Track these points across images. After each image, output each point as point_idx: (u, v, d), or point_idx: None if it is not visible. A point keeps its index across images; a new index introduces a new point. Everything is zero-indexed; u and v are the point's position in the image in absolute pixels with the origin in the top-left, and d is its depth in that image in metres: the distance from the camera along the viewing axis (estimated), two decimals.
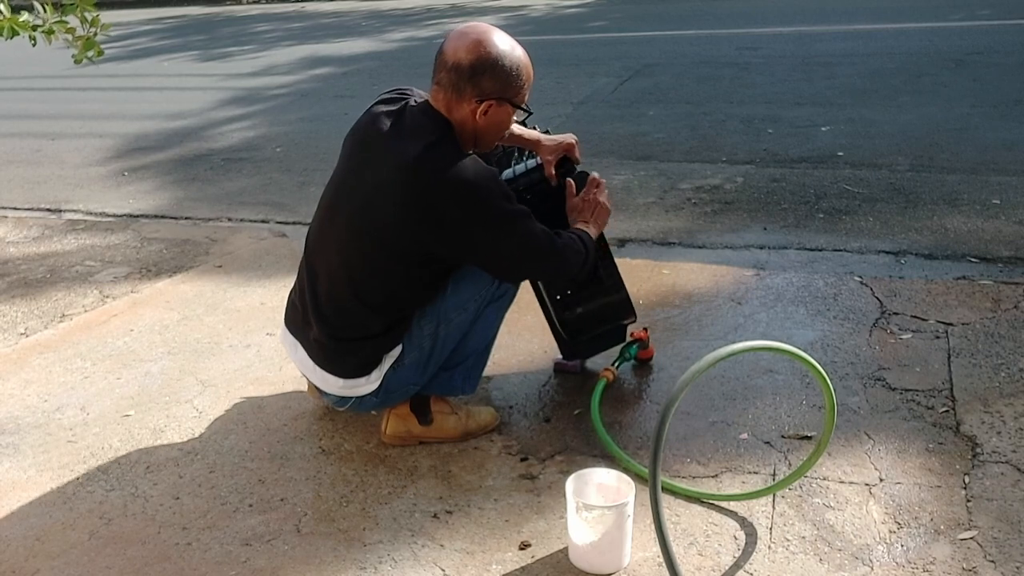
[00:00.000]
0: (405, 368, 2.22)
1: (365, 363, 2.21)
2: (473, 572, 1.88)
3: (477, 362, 2.36)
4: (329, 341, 2.20)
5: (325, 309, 2.20)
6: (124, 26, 13.38)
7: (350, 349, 2.19)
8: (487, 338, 2.35)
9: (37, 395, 2.71)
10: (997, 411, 2.31)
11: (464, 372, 2.34)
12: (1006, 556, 1.83)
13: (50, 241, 4.18)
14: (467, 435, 2.34)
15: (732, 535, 1.94)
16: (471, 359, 2.34)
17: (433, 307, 2.19)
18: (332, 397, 2.30)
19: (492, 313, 2.30)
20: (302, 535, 2.02)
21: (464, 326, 2.24)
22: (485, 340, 2.35)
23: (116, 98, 8.10)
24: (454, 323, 2.22)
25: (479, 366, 2.38)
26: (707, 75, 6.83)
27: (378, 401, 2.27)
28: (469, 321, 2.24)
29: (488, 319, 2.30)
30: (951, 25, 7.95)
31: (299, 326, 2.30)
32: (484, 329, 2.31)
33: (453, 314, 2.21)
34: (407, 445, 2.32)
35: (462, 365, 2.33)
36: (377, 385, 2.22)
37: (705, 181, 4.41)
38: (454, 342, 2.25)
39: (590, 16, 10.89)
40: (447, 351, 2.26)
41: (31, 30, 3.13)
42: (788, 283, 3.13)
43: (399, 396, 2.28)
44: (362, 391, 2.23)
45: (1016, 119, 5.04)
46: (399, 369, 2.21)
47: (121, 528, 2.08)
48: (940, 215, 3.75)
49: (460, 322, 2.23)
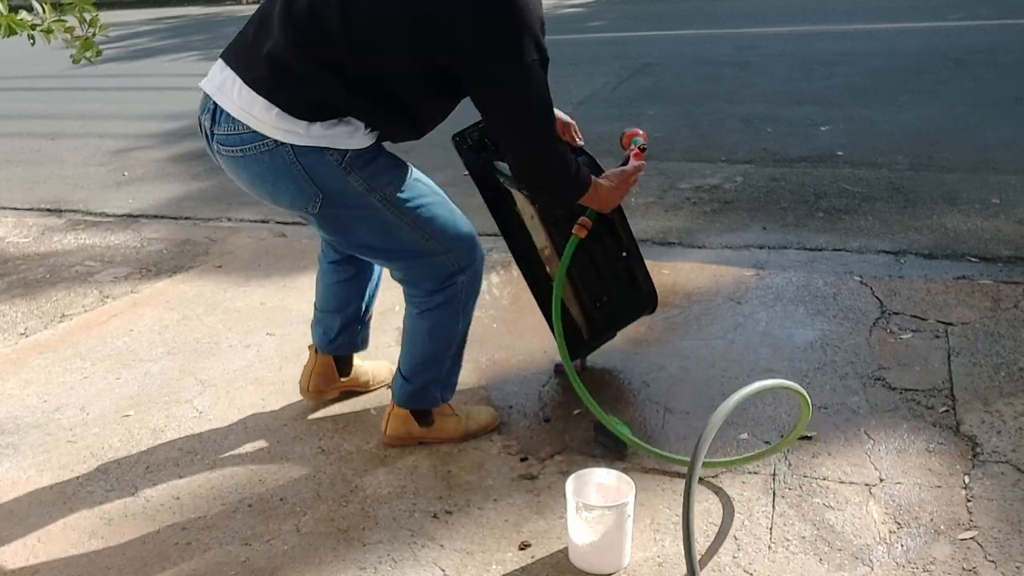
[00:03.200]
0: (348, 186, 1.95)
1: (318, 104, 1.87)
2: (473, 572, 1.88)
3: (453, 368, 2.30)
4: (287, 54, 1.86)
5: (300, 19, 1.86)
6: (124, 26, 13.37)
7: (313, 73, 1.85)
8: (446, 342, 2.23)
9: (37, 395, 2.71)
10: (997, 411, 2.31)
11: (439, 383, 2.28)
12: (1006, 556, 1.83)
13: (50, 241, 4.18)
14: (467, 436, 2.33)
15: (732, 535, 1.94)
16: (434, 369, 2.25)
17: (396, 174, 2.03)
18: (257, 171, 1.93)
19: (445, 315, 2.19)
20: (302, 535, 2.02)
21: (403, 227, 2.05)
22: (445, 344, 2.23)
23: (116, 98, 8.10)
24: (404, 206, 2.03)
25: (454, 372, 2.31)
26: (706, 74, 6.83)
27: (312, 210, 1.98)
28: (411, 225, 2.05)
29: (442, 323, 2.20)
30: (951, 25, 7.95)
31: (243, 58, 1.96)
32: (441, 333, 2.21)
33: (407, 199, 2.03)
34: (407, 446, 2.32)
35: (435, 372, 2.25)
36: (313, 148, 1.88)
37: (704, 181, 4.41)
38: (383, 234, 2.06)
39: (589, 16, 10.89)
40: (374, 238, 2.07)
41: (29, 29, 3.13)
42: (788, 283, 3.13)
43: (331, 228, 2.06)
44: (292, 140, 1.88)
45: (1016, 118, 5.04)
46: (348, 176, 1.94)
47: (121, 528, 2.08)
48: (940, 214, 3.75)
49: (409, 211, 2.04)
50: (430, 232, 2.09)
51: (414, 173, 2.12)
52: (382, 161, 2.03)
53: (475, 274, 2.19)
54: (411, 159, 2.15)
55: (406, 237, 2.08)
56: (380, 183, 2.01)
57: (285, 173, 1.92)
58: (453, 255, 2.13)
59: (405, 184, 2.06)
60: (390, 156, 2.07)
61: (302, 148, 1.89)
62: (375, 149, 2.01)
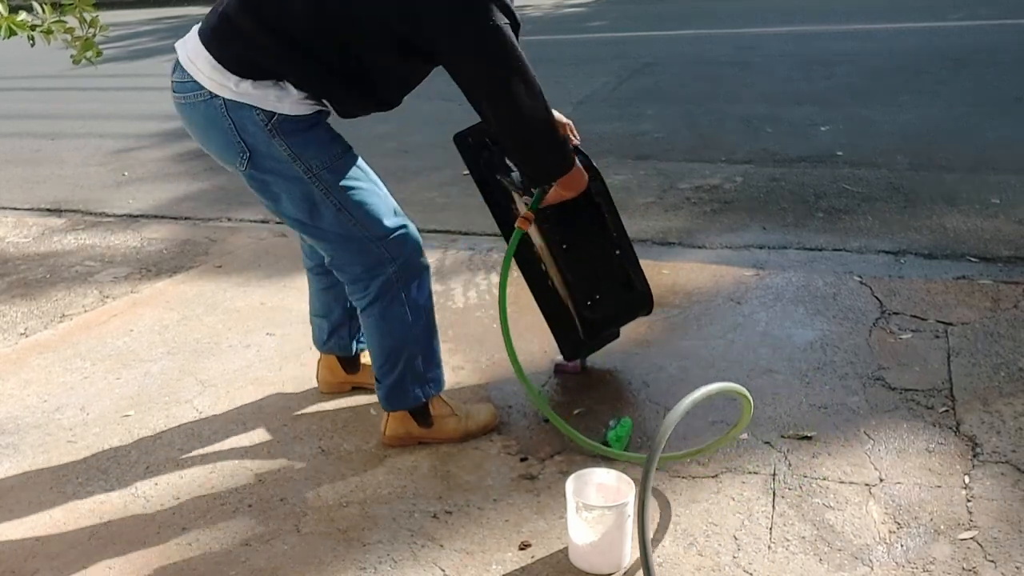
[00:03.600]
0: (273, 149, 1.96)
1: (254, 63, 1.91)
2: (473, 572, 1.88)
3: (427, 362, 2.23)
4: (240, 12, 1.92)
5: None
6: (124, 26, 13.36)
7: (260, 33, 1.90)
8: (400, 336, 2.18)
9: (37, 395, 2.71)
10: (997, 411, 2.31)
11: (415, 379, 2.23)
12: (1006, 556, 1.83)
13: (50, 241, 4.18)
14: (467, 436, 2.33)
15: (732, 535, 1.94)
16: (400, 365, 2.20)
17: (326, 152, 2.01)
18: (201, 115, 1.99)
19: (387, 308, 2.15)
20: (302, 535, 2.02)
21: (328, 209, 2.05)
22: (399, 339, 2.18)
23: (116, 98, 8.10)
24: (330, 184, 2.02)
25: (430, 367, 2.24)
26: (706, 74, 6.82)
27: (240, 167, 2.02)
28: (337, 207, 2.04)
29: (387, 316, 2.16)
30: (950, 25, 7.95)
31: (210, 15, 2.02)
32: (389, 327, 2.17)
33: (335, 177, 2.02)
34: (407, 446, 2.32)
35: (402, 368, 2.21)
36: (242, 104, 1.92)
37: (704, 181, 4.41)
38: (304, 209, 2.06)
39: (589, 16, 10.88)
40: (302, 210, 2.06)
41: (29, 30, 3.13)
42: (787, 283, 3.13)
43: (261, 193, 2.07)
44: (223, 94, 1.93)
45: (1016, 118, 5.04)
46: (272, 139, 1.95)
47: (121, 528, 2.08)
48: (939, 214, 3.75)
49: (335, 191, 2.02)
50: (357, 217, 2.07)
51: (351, 157, 2.10)
52: (315, 133, 2.02)
53: (408, 266, 2.14)
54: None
55: (331, 217, 2.06)
56: (307, 155, 2.00)
57: (216, 124, 1.98)
58: (380, 243, 2.10)
59: (336, 163, 2.04)
60: (328, 132, 2.06)
61: (232, 103, 1.95)
62: (311, 120, 2.00)
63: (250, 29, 1.91)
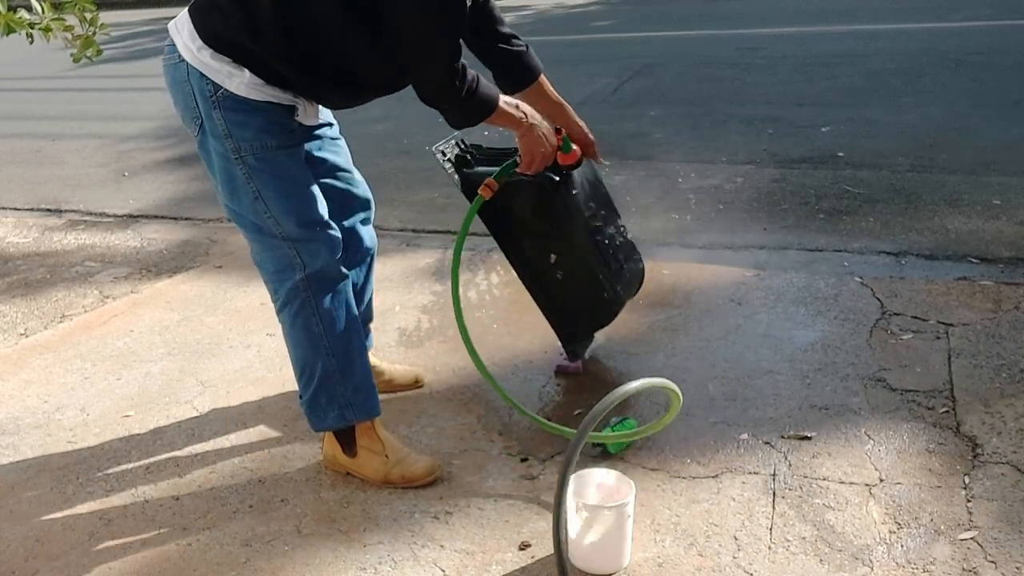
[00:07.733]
0: (213, 122, 1.97)
1: (221, 38, 1.93)
2: (473, 572, 1.88)
3: (345, 383, 2.13)
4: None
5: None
6: (124, 26, 13.37)
7: (235, 12, 1.92)
8: (310, 348, 2.11)
9: (37, 396, 2.71)
10: (998, 412, 2.30)
11: (333, 400, 2.14)
12: (1006, 556, 1.83)
13: (50, 241, 4.18)
14: (387, 482, 2.15)
15: (732, 535, 1.94)
16: (315, 381, 2.13)
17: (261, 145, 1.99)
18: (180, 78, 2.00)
19: (297, 316, 2.10)
20: (302, 536, 2.02)
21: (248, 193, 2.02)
22: (309, 350, 2.12)
23: (116, 98, 8.10)
24: (255, 171, 2.00)
25: (348, 389, 2.14)
26: (708, 75, 6.83)
27: (195, 134, 2.03)
28: (255, 193, 2.02)
29: (298, 324, 2.11)
30: (951, 25, 7.95)
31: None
32: (299, 336, 2.12)
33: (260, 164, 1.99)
34: (339, 472, 2.22)
35: (318, 385, 2.13)
36: (197, 71, 1.94)
37: (705, 181, 4.40)
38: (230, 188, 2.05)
39: (591, 16, 10.89)
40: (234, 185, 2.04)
41: (28, 27, 3.13)
42: (788, 283, 3.13)
43: (207, 164, 2.08)
44: (187, 58, 1.96)
45: (1016, 119, 5.04)
46: (213, 110, 1.96)
47: (121, 528, 2.08)
48: (941, 215, 3.74)
49: (258, 178, 2.01)
50: (272, 211, 2.03)
51: (291, 155, 2.05)
52: (256, 118, 1.98)
53: (319, 277, 2.08)
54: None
55: (248, 204, 2.04)
56: (240, 135, 1.98)
57: (180, 87, 2.01)
58: (291, 245, 2.05)
59: (267, 153, 2.00)
60: (274, 123, 2.00)
61: (193, 69, 1.96)
62: (259, 106, 1.97)
63: (231, 8, 1.93)
